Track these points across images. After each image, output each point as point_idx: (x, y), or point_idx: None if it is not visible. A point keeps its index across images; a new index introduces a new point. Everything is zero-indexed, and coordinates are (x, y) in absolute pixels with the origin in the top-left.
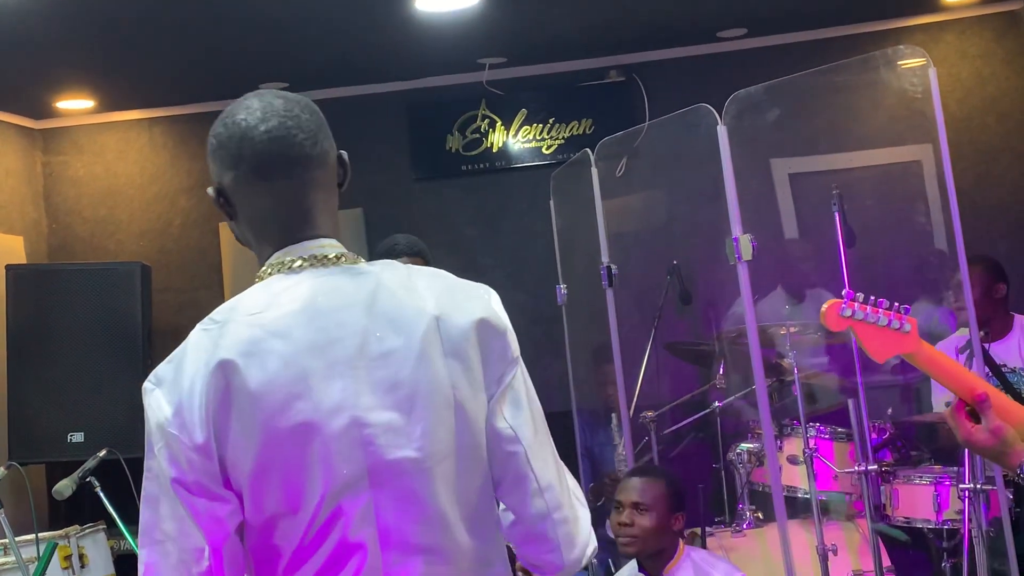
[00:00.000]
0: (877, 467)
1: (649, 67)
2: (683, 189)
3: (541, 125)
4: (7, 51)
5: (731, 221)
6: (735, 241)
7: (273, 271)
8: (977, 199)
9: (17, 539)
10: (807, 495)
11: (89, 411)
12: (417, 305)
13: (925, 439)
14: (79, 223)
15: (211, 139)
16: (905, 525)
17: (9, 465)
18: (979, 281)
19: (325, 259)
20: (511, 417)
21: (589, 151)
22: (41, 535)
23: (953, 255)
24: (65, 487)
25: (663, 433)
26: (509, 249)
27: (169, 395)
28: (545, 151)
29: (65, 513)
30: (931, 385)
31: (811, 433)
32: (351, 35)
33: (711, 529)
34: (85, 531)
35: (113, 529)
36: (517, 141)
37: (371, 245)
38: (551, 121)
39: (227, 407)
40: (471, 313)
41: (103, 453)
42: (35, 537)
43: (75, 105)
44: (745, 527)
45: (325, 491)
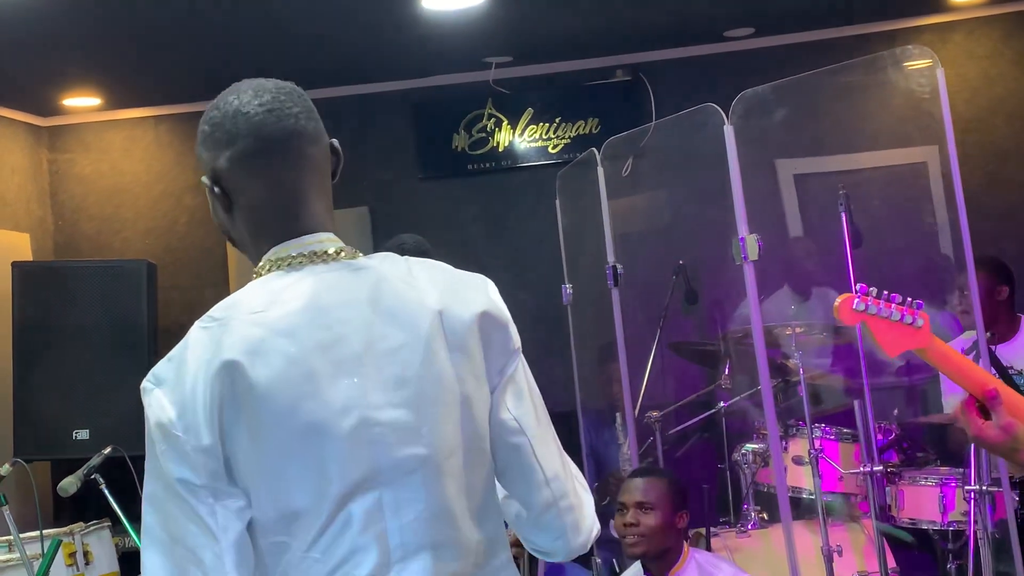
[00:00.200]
0: (883, 468)
1: (656, 66)
2: (689, 189)
3: (547, 124)
4: (14, 48)
5: (737, 221)
6: (741, 241)
7: (271, 267)
8: (984, 200)
9: (22, 536)
10: (812, 496)
11: (95, 408)
12: (420, 299)
13: (931, 440)
14: (85, 220)
15: (203, 127)
16: (910, 526)
17: (14, 462)
18: (981, 283)
19: (325, 255)
20: (514, 408)
21: (595, 150)
22: (45, 532)
23: (959, 257)
24: (70, 484)
25: (668, 433)
26: (514, 248)
27: (171, 395)
28: (551, 150)
29: (70, 510)
30: (940, 386)
31: (816, 434)
32: (357, 34)
33: (716, 529)
34: (89, 528)
35: (118, 526)
36: (523, 140)
37: (377, 243)
38: (557, 120)
39: (233, 408)
40: (473, 306)
41: (108, 450)
42: (39, 534)
43: (81, 103)
44: (750, 528)
45: (335, 490)
